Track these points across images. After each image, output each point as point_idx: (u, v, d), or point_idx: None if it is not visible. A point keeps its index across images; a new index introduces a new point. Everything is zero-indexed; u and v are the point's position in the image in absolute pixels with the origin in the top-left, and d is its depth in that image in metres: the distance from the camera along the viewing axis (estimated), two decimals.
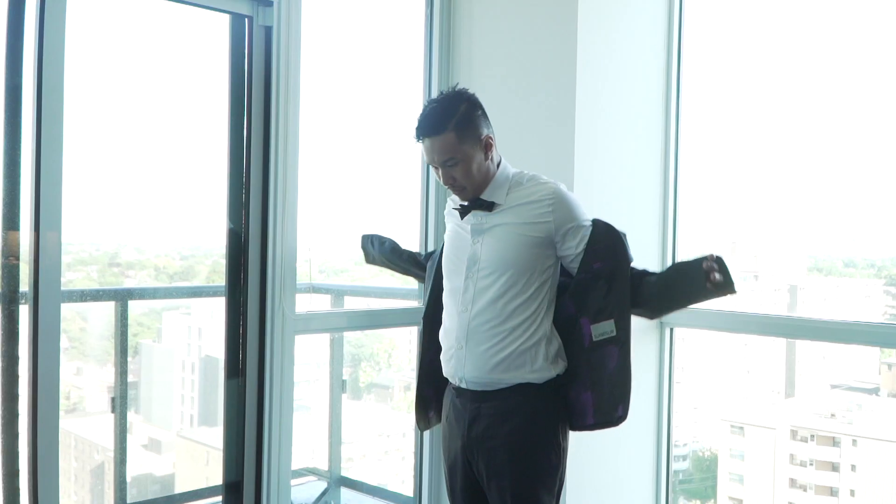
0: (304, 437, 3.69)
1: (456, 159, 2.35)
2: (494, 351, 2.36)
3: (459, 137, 2.34)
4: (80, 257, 3.53)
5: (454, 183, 2.40)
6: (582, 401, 2.41)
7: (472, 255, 2.42)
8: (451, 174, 2.38)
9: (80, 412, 3.83)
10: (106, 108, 3.34)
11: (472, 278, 2.40)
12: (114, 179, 3.42)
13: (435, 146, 2.35)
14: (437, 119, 2.35)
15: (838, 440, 3.75)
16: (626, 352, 2.39)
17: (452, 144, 2.34)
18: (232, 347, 3.03)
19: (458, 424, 2.45)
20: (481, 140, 2.38)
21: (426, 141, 2.37)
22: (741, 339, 3.85)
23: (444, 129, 2.33)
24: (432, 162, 2.40)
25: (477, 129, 2.38)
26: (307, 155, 3.05)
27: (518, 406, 2.36)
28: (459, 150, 2.34)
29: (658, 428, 3.50)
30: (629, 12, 3.41)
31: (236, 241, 3.01)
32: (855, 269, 3.67)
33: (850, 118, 3.33)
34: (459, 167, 2.36)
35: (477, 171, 2.38)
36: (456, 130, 2.34)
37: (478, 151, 2.37)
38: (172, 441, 4.05)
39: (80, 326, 3.59)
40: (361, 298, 4.18)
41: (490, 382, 2.38)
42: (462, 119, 2.35)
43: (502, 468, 2.36)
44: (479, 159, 2.38)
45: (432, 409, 2.64)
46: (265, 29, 2.98)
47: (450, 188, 2.44)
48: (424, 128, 2.37)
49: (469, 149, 2.36)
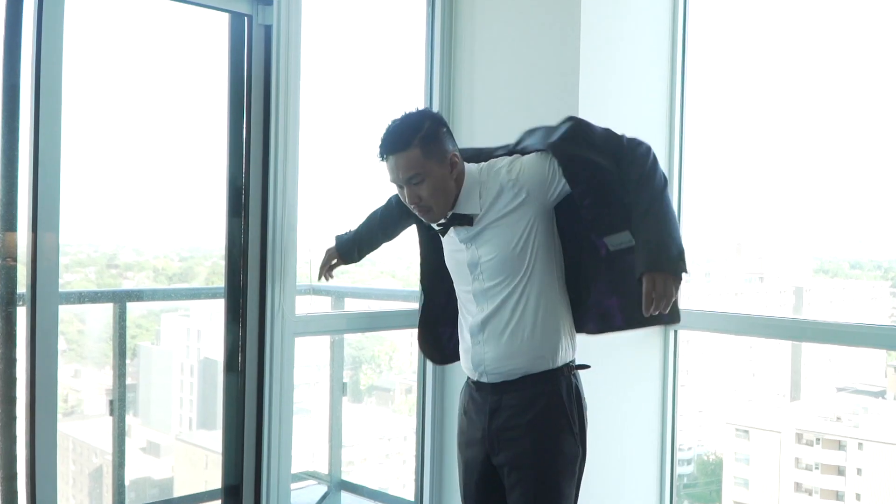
0: (304, 440, 3.68)
1: (422, 175, 2.29)
2: (513, 345, 2.37)
3: (425, 153, 2.28)
4: (79, 259, 3.53)
5: (419, 203, 2.33)
6: (605, 306, 2.39)
7: (471, 260, 2.41)
8: (417, 192, 2.31)
9: (78, 415, 3.82)
10: (104, 108, 3.34)
11: (479, 280, 2.41)
12: (112, 180, 3.42)
13: (399, 163, 2.29)
14: (401, 135, 2.30)
15: (844, 444, 3.74)
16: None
17: (417, 160, 2.28)
18: (231, 349, 3.02)
19: (479, 417, 2.45)
20: (447, 157, 2.33)
21: (390, 159, 2.31)
22: (746, 341, 3.83)
23: (408, 146, 2.28)
24: (396, 180, 2.33)
25: (442, 145, 2.32)
26: (307, 155, 3.04)
27: (538, 396, 2.36)
28: (425, 167, 2.28)
29: (662, 431, 3.48)
30: (632, 12, 3.40)
31: (236, 242, 3.00)
32: (861, 270, 3.66)
33: (857, 118, 3.32)
34: (425, 185, 2.30)
35: (443, 189, 2.32)
36: (421, 146, 2.28)
37: (444, 169, 2.32)
38: (171, 444, 4.04)
39: (78, 328, 3.58)
40: (362, 300, 4.17)
41: (510, 372, 2.38)
42: (427, 135, 2.30)
43: (525, 458, 2.36)
44: (445, 177, 2.32)
45: (448, 346, 2.64)
46: (265, 28, 2.97)
47: (415, 209, 2.37)
48: (388, 144, 2.31)
49: (435, 166, 2.30)
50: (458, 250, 2.45)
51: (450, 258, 2.50)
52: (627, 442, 3.41)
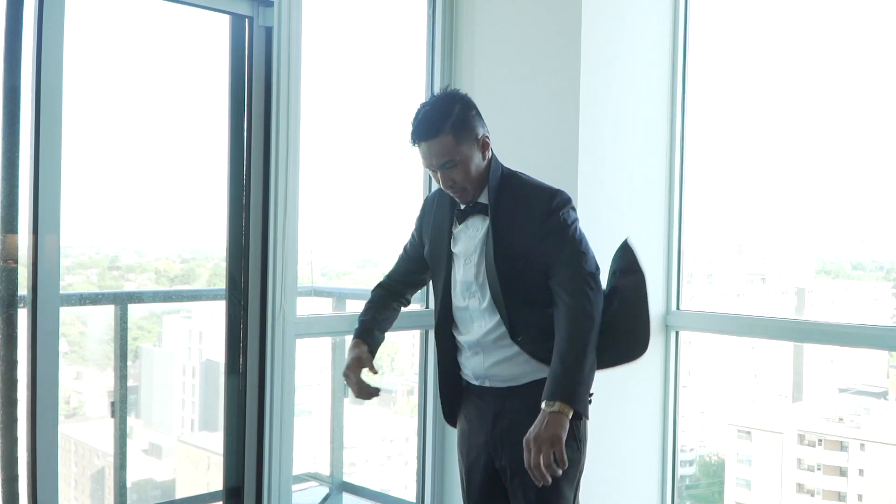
0: (305, 441, 3.68)
1: (455, 161, 2.34)
2: (512, 356, 2.40)
3: (457, 139, 2.33)
4: (80, 260, 3.54)
5: (454, 185, 2.38)
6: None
7: (465, 279, 2.44)
8: (451, 176, 2.36)
9: (79, 417, 3.83)
10: (105, 110, 3.35)
11: (474, 298, 2.44)
12: (113, 181, 3.43)
13: (433, 150, 2.34)
14: (432, 122, 2.33)
15: (846, 444, 3.74)
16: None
17: (450, 146, 2.33)
18: (232, 351, 3.03)
19: (482, 422, 2.47)
20: (478, 140, 2.38)
21: (422, 145, 2.35)
22: (748, 342, 3.84)
23: (440, 132, 2.32)
24: (430, 166, 2.38)
25: (473, 129, 2.37)
26: (308, 156, 3.05)
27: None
28: (458, 152, 2.33)
29: (664, 432, 3.49)
30: (633, 12, 3.40)
31: (237, 243, 3.01)
32: (863, 271, 3.66)
33: (858, 118, 3.32)
34: (459, 169, 2.35)
35: (477, 170, 2.37)
36: (453, 132, 2.32)
37: (475, 151, 2.37)
38: (173, 446, 4.05)
39: (80, 330, 3.59)
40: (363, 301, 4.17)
41: (513, 378, 2.41)
42: (458, 120, 2.34)
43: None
44: (478, 159, 2.38)
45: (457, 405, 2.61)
46: (265, 29, 2.98)
47: (450, 191, 2.42)
48: (421, 132, 2.35)
49: (467, 149, 2.35)
50: (461, 266, 2.46)
51: (454, 277, 2.50)
52: (629, 443, 3.42)
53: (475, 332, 2.45)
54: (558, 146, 3.25)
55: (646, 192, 3.46)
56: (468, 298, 2.45)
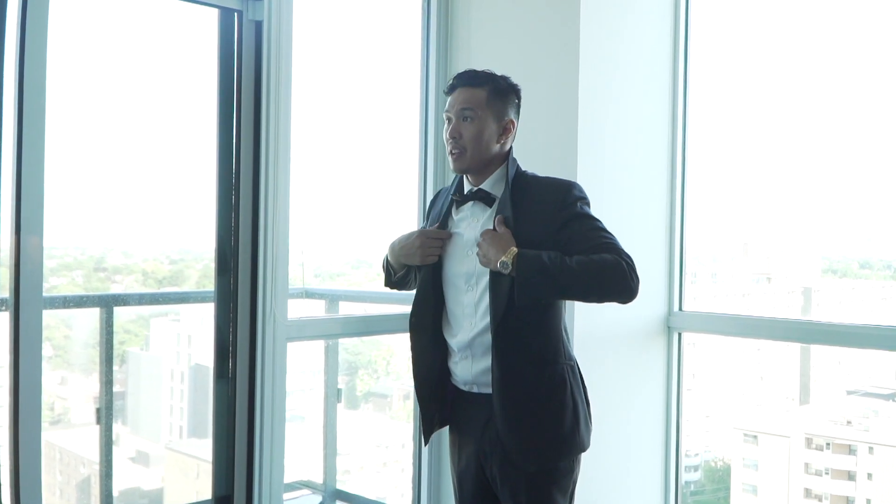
0: (297, 448, 3.68)
1: (475, 114, 2.40)
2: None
3: (488, 100, 2.42)
4: (65, 262, 3.52)
5: (457, 141, 2.42)
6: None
7: (465, 270, 2.44)
8: (460, 129, 2.41)
9: (64, 424, 3.81)
10: (90, 107, 3.33)
11: (472, 291, 2.43)
12: (99, 180, 3.41)
13: (462, 95, 2.43)
14: (476, 75, 2.46)
15: (855, 448, 3.74)
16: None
17: (479, 99, 2.41)
18: (222, 355, 3.02)
19: (471, 429, 2.47)
20: (504, 119, 2.44)
21: (456, 91, 2.44)
22: (754, 344, 3.84)
23: (478, 84, 2.43)
24: (450, 110, 2.45)
25: (506, 106, 2.45)
26: (299, 154, 3.04)
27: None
28: (482, 109, 2.41)
29: (666, 437, 3.49)
30: (634, 7, 3.40)
31: (226, 243, 3.00)
32: (871, 270, 3.66)
33: (864, 115, 3.32)
34: (472, 126, 2.41)
35: (486, 141, 2.41)
36: (489, 92, 2.42)
37: (495, 125, 2.43)
38: (160, 453, 4.04)
39: (65, 334, 3.58)
40: (357, 304, 4.17)
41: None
42: (499, 87, 2.45)
43: (518, 471, 2.36)
44: (493, 132, 2.43)
45: (437, 421, 2.61)
46: (255, 24, 2.97)
47: (450, 144, 2.44)
48: (462, 76, 2.46)
49: (490, 116, 2.42)
50: (463, 257, 2.46)
51: (449, 268, 2.50)
52: (630, 448, 3.41)
53: (466, 332, 2.43)
54: (557, 144, 3.24)
55: (647, 190, 3.46)
56: (465, 292, 2.44)
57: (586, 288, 2.25)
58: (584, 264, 2.22)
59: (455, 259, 2.48)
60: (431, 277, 2.52)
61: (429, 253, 2.49)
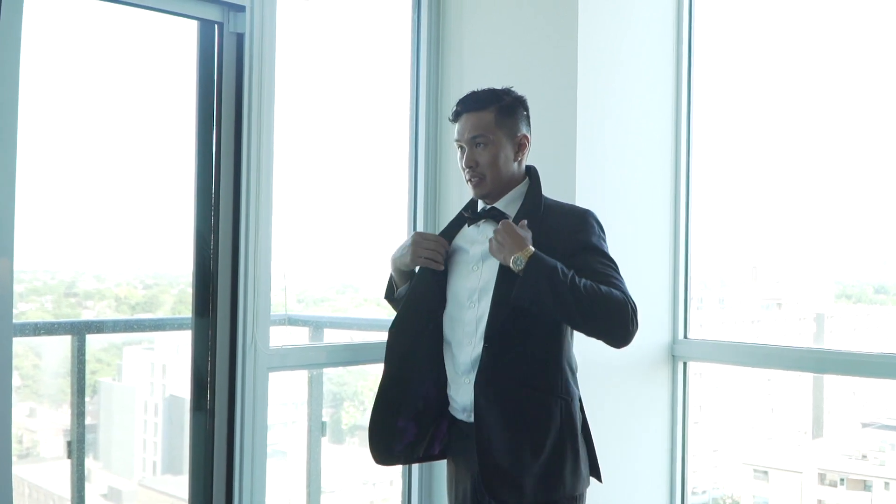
0: (279, 485, 3.66)
1: (486, 139, 2.44)
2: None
3: (497, 120, 2.45)
4: (34, 286, 3.52)
5: (474, 169, 2.46)
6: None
7: (469, 286, 2.46)
8: (475, 157, 2.45)
9: (33, 458, 3.80)
10: (63, 123, 3.35)
11: (474, 309, 2.45)
12: (71, 201, 3.42)
13: (470, 122, 2.46)
14: (480, 98, 2.49)
15: (870, 484, 3.74)
16: None
17: (488, 123, 2.45)
18: (199, 386, 3.01)
19: (468, 463, 2.48)
20: (517, 136, 2.49)
21: (462, 118, 2.47)
22: (764, 374, 3.84)
23: (483, 107, 2.46)
24: (460, 139, 2.48)
25: (516, 122, 2.49)
26: (283, 173, 3.06)
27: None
28: (493, 133, 2.45)
29: (672, 473, 3.48)
30: (634, 10, 3.42)
31: (204, 267, 3.01)
32: (887, 295, 3.67)
33: (880, 134, 3.34)
34: (487, 151, 2.45)
35: (503, 163, 2.46)
36: (496, 113, 2.45)
37: (510, 144, 2.47)
38: (134, 490, 4.02)
39: (34, 363, 3.57)
40: (343, 331, 4.17)
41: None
42: (505, 106, 2.48)
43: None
44: (509, 153, 2.47)
45: (400, 442, 2.59)
46: (237, 36, 2.99)
47: (468, 174, 2.48)
48: (465, 102, 2.50)
49: (502, 137, 2.46)
50: (468, 272, 2.48)
51: (454, 283, 2.52)
52: (635, 485, 3.41)
53: (467, 353, 2.45)
54: (553, 159, 3.25)
55: (650, 210, 3.47)
56: (467, 308, 2.46)
57: (586, 313, 2.26)
58: (592, 290, 2.26)
59: (460, 275, 2.51)
60: (437, 287, 2.53)
61: (420, 254, 2.51)
